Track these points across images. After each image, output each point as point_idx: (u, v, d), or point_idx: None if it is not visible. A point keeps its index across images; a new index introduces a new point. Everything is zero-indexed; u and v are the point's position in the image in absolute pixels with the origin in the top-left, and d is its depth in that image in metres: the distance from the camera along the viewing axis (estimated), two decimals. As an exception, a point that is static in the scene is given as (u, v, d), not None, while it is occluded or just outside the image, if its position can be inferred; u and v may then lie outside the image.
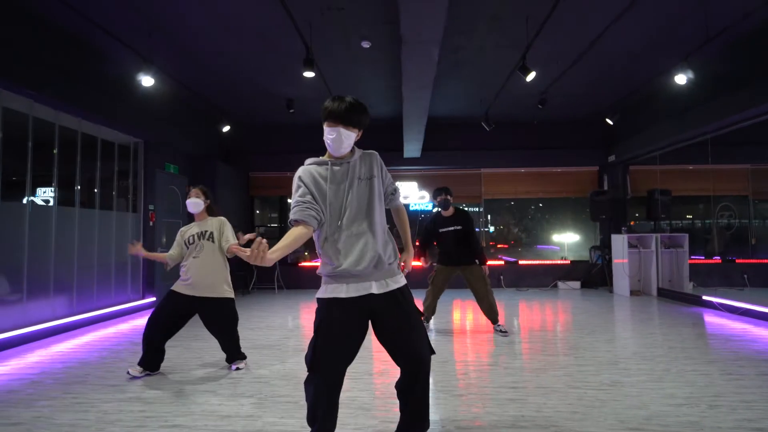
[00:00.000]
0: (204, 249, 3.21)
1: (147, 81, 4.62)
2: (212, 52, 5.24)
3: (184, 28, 4.66)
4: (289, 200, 9.29)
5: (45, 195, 5.40)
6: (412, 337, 1.84)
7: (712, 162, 7.15)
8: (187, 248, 3.25)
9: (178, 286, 3.22)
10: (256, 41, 4.96)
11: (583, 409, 2.50)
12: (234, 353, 3.37)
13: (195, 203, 3.26)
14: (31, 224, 4.46)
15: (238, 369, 3.33)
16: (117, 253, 5.80)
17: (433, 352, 1.91)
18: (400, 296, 1.88)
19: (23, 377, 3.25)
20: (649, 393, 2.75)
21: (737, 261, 7.70)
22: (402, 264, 2.01)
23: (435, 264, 4.64)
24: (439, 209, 4.58)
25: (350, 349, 1.83)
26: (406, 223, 2.13)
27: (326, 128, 1.83)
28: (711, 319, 5.14)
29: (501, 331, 4.39)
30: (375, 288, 1.82)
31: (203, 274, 3.18)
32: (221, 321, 3.29)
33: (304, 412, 2.41)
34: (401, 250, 2.08)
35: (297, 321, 5.39)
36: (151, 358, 3.20)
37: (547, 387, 2.88)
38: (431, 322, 4.92)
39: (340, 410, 1.91)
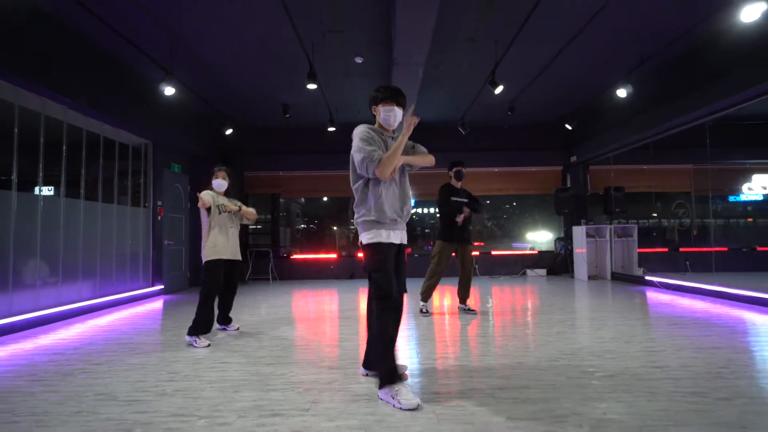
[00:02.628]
0: (234, 222, 4.02)
1: (169, 91, 5.26)
2: (221, 63, 5.92)
3: (200, 42, 5.32)
4: (281, 200, 10.03)
5: (65, 191, 5.95)
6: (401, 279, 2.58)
7: (659, 162, 8.20)
8: (219, 213, 3.91)
9: (222, 254, 3.84)
10: (261, 55, 5.66)
11: (533, 347, 3.33)
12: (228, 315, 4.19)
13: (221, 184, 4.02)
14: (65, 217, 5.06)
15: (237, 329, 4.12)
16: (132, 243, 6.39)
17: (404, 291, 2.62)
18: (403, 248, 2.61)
19: (79, 340, 3.88)
20: (585, 336, 3.61)
21: (681, 249, 8.79)
22: None
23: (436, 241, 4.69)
24: (451, 179, 4.71)
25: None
26: None
27: (382, 108, 2.48)
28: (650, 294, 6.11)
29: (469, 309, 4.79)
30: (399, 237, 2.49)
31: (233, 242, 3.97)
32: (236, 278, 4.14)
33: (316, 359, 3.16)
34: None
35: (297, 303, 6.10)
36: (208, 322, 3.73)
37: (509, 335, 3.71)
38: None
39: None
